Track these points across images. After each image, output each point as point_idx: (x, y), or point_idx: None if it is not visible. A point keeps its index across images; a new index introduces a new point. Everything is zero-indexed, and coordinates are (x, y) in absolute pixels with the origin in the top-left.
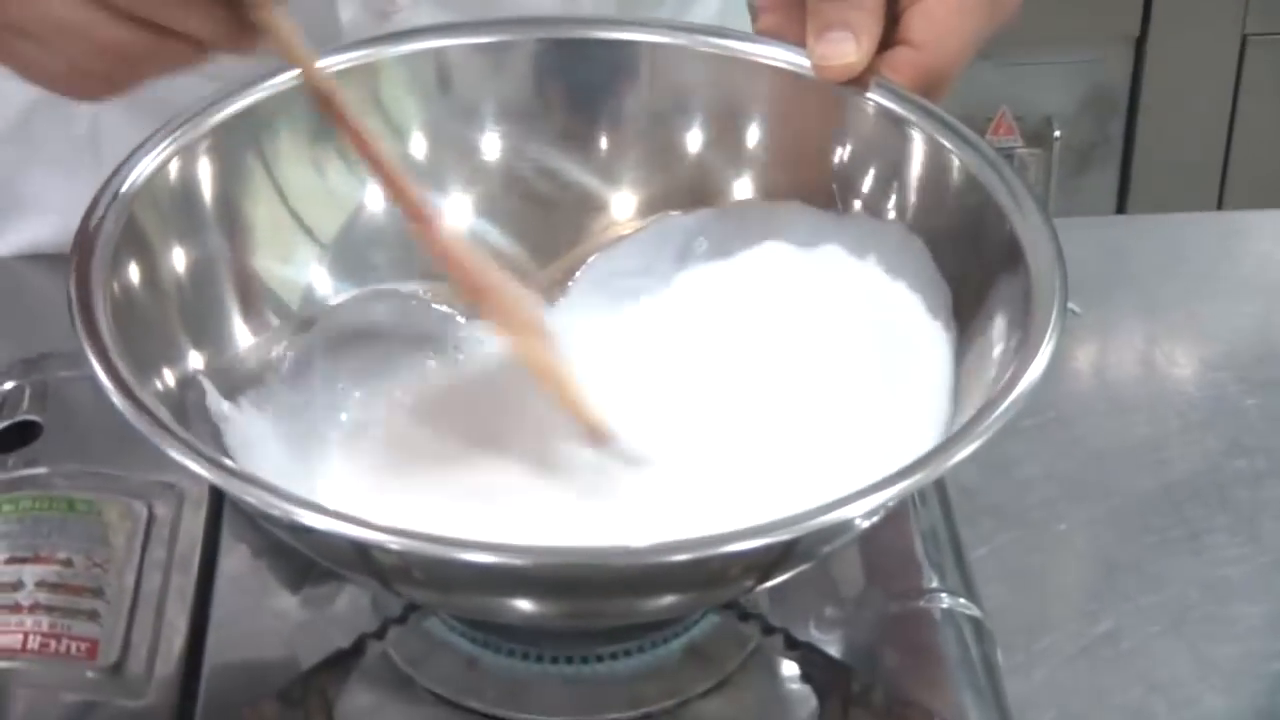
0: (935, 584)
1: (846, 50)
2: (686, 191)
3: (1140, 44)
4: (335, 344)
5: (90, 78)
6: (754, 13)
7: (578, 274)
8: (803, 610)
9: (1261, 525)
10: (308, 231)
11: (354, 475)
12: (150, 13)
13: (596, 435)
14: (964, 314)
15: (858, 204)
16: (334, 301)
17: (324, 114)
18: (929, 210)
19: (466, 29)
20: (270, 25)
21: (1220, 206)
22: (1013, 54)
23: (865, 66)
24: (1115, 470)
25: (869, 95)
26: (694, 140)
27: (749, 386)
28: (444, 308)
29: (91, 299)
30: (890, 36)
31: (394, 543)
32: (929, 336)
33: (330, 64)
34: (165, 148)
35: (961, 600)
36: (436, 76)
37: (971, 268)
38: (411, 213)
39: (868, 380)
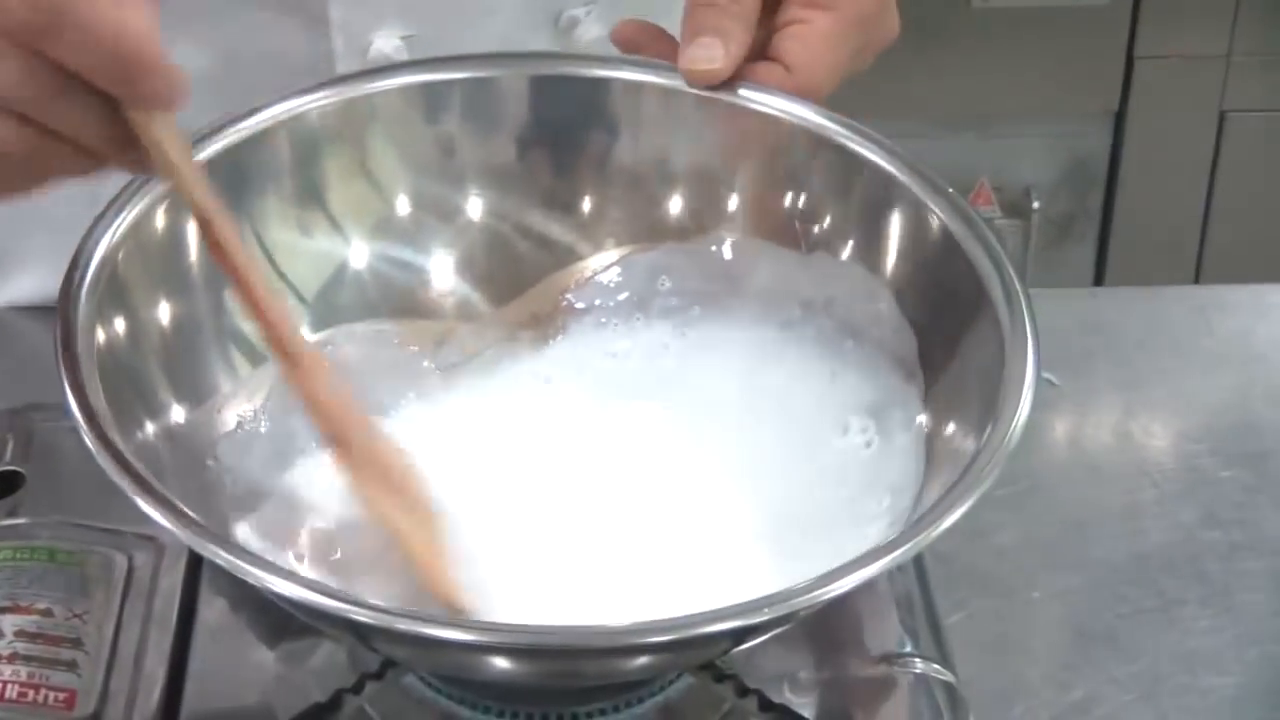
0: (909, 649)
1: (714, 55)
2: (653, 228)
3: (1120, 118)
4: None
5: None
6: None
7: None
8: (777, 673)
9: (1235, 597)
10: (291, 288)
11: (325, 533)
12: (31, 107)
13: (452, 609)
14: (931, 366)
15: (822, 244)
16: (318, 340)
17: (202, 235)
18: (896, 257)
19: (451, 64)
20: (148, 133)
21: (1197, 280)
22: (992, 125)
23: (731, 72)
24: (1090, 540)
25: (844, 140)
26: (666, 178)
27: (696, 451)
28: (413, 348)
29: (75, 349)
30: (765, 49)
31: (364, 615)
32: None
33: (316, 100)
34: (146, 199)
35: (935, 666)
36: (421, 112)
37: (939, 318)
38: (280, 349)
39: (817, 442)
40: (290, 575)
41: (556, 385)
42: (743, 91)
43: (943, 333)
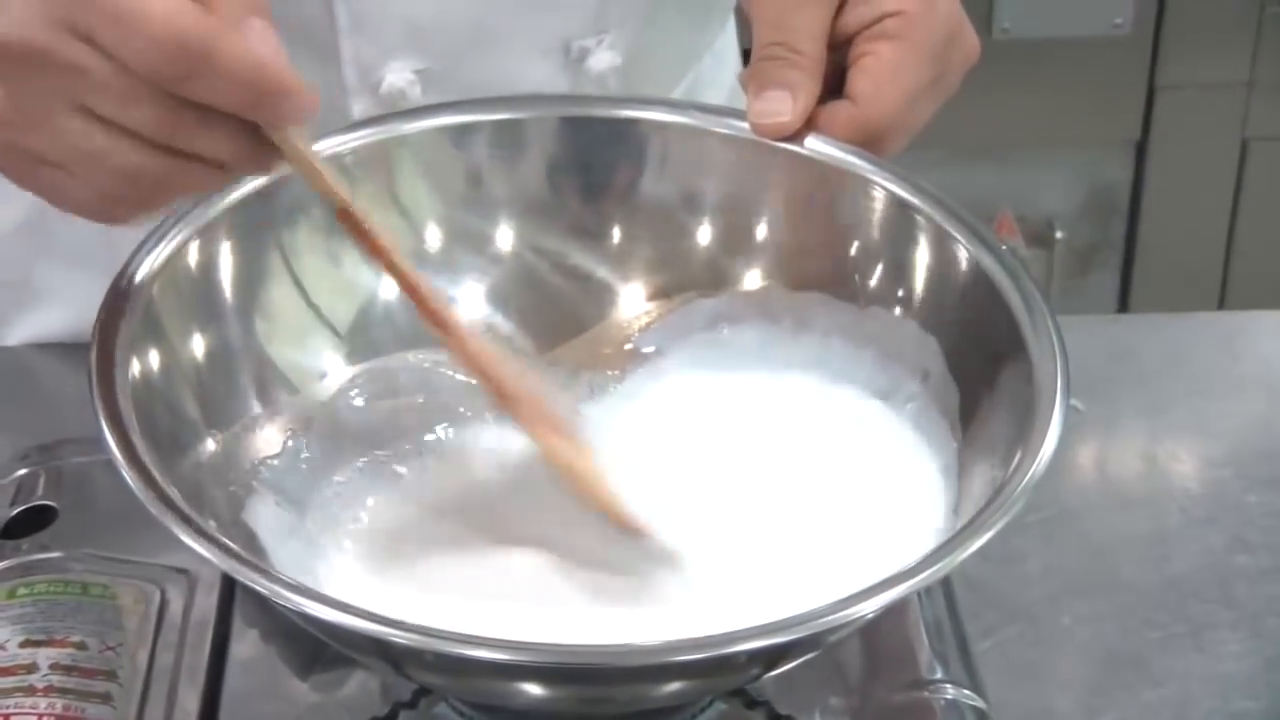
0: (940, 675)
1: (782, 108)
2: (702, 276)
3: (1141, 147)
4: (352, 418)
5: (119, 204)
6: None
7: (615, 360)
8: (808, 699)
9: (1263, 621)
10: (324, 320)
11: (364, 562)
12: (170, 139)
13: (633, 535)
14: (969, 412)
15: (876, 297)
16: (353, 373)
17: (342, 225)
18: (941, 307)
19: (480, 106)
20: (288, 146)
21: (1221, 308)
22: (1015, 156)
23: (801, 123)
24: (1118, 565)
25: (884, 185)
26: (709, 225)
27: (761, 487)
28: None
29: (111, 382)
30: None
31: (402, 637)
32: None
33: (342, 143)
34: (182, 233)
35: (965, 692)
36: (451, 154)
37: (978, 366)
38: (436, 322)
39: (868, 484)
40: (333, 601)
41: (615, 421)
42: (809, 142)
43: (981, 381)
